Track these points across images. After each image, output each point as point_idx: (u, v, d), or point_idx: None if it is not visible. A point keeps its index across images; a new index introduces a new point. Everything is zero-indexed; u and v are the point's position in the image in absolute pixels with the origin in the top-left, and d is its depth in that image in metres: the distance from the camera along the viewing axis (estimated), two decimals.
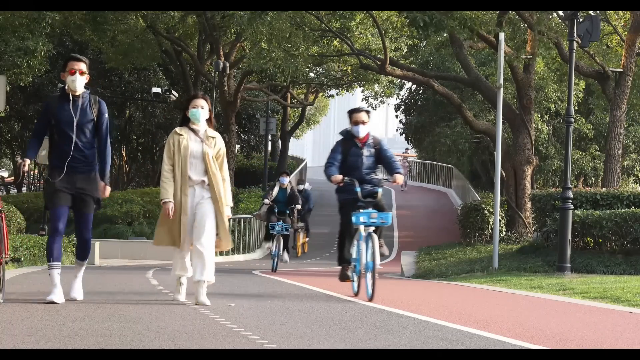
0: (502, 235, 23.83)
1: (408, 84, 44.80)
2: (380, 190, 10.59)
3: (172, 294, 10.44)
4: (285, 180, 20.65)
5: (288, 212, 19.99)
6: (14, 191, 42.41)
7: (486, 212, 25.50)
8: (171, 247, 9.24)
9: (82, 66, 8.66)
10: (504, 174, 24.87)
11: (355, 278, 10.85)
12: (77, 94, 8.65)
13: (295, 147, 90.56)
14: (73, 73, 8.61)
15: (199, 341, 6.20)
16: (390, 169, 10.65)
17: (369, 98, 46.55)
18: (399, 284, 15.85)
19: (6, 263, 8.92)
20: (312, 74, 44.42)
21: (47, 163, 8.84)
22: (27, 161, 8.48)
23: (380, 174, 10.91)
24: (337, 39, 30.26)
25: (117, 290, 10.92)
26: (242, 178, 44.04)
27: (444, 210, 38.06)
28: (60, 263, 8.57)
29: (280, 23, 26.05)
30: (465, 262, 20.60)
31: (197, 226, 8.96)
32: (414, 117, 45.61)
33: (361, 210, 10.26)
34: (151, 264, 22.06)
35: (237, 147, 45.64)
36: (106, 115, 8.75)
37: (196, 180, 9.03)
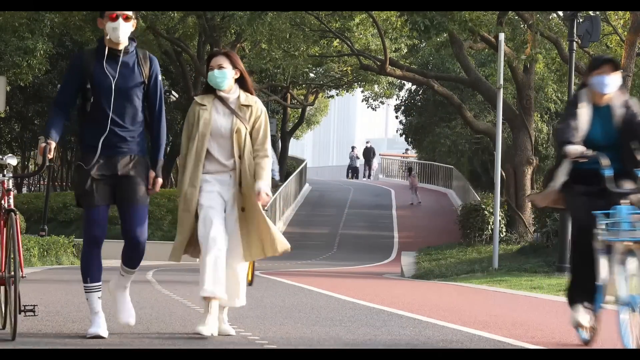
0: (502, 235, 23.84)
1: (408, 85, 44.81)
2: None
3: (174, 296, 10.42)
4: (611, 83, 6.50)
5: None
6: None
7: (486, 212, 25.50)
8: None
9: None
10: (504, 174, 24.87)
11: None
12: (119, 47, 6.26)
13: (295, 148, 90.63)
14: (114, 18, 6.18)
15: (200, 342, 6.20)
16: None
17: (369, 99, 46.56)
18: (399, 285, 15.86)
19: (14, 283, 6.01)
20: (312, 75, 44.42)
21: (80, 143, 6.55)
22: (53, 144, 6.09)
23: None
24: (337, 40, 30.28)
25: None
26: None
27: (444, 210, 38.06)
28: (101, 283, 6.28)
29: (280, 23, 26.08)
30: (465, 262, 20.60)
31: (227, 228, 6.50)
32: (414, 117, 45.60)
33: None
34: (151, 264, 22.06)
35: None
36: (160, 78, 6.44)
37: (229, 164, 6.51)
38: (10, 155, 6.50)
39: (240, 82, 6.59)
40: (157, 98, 6.36)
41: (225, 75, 6.48)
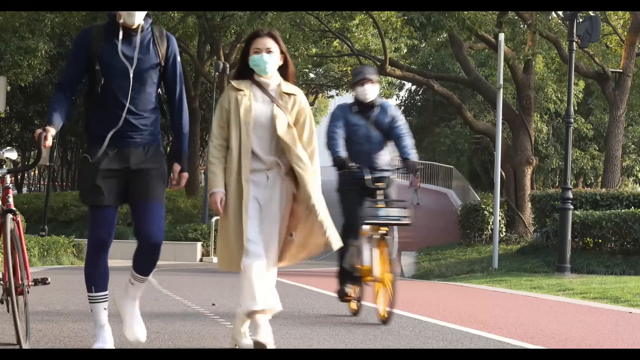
0: (502, 235, 23.85)
1: (408, 85, 44.85)
2: None
3: (174, 296, 10.39)
4: None
5: None
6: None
7: (486, 212, 25.52)
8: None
9: None
10: (503, 174, 24.88)
11: None
12: (134, 25, 5.41)
13: None
14: None
15: (199, 341, 6.20)
16: None
17: None
18: (399, 285, 15.85)
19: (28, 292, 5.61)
20: (311, 75, 44.43)
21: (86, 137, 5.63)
22: (52, 131, 5.24)
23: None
24: (337, 40, 30.29)
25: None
26: None
27: (444, 210, 38.07)
28: (107, 293, 5.57)
29: (280, 23, 26.07)
30: (465, 262, 20.61)
31: (263, 232, 5.62)
32: (414, 117, 45.65)
33: None
34: None
35: None
36: (179, 59, 5.59)
37: (269, 161, 5.64)
38: (9, 148, 5.78)
39: (282, 69, 5.77)
40: (176, 81, 5.56)
41: (273, 60, 5.67)
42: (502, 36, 19.07)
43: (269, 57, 5.63)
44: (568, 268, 15.88)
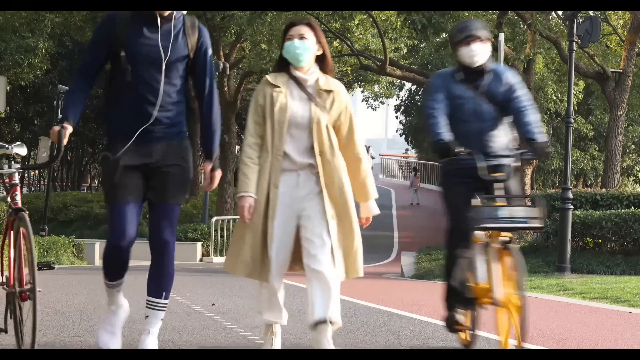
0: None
1: (408, 85, 44.82)
2: None
3: (174, 295, 10.39)
4: None
5: None
6: None
7: None
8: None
9: None
10: None
11: None
12: (165, 13, 5.05)
13: None
14: None
15: (199, 341, 6.21)
16: None
17: (369, 99, 46.64)
18: (399, 284, 15.86)
19: (29, 299, 4.97)
20: None
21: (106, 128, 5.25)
22: (69, 128, 4.96)
23: None
24: (337, 40, 30.29)
25: None
26: None
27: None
28: (123, 280, 5.38)
29: (280, 23, 26.08)
30: None
31: (308, 235, 5.28)
32: (414, 117, 45.64)
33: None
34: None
35: (237, 147, 45.71)
36: (210, 52, 5.17)
37: (301, 162, 5.29)
38: (18, 143, 5.37)
39: (320, 62, 5.36)
40: (206, 75, 5.13)
41: (306, 48, 5.26)
42: (502, 36, 19.07)
43: (301, 43, 5.25)
44: (568, 268, 15.88)
